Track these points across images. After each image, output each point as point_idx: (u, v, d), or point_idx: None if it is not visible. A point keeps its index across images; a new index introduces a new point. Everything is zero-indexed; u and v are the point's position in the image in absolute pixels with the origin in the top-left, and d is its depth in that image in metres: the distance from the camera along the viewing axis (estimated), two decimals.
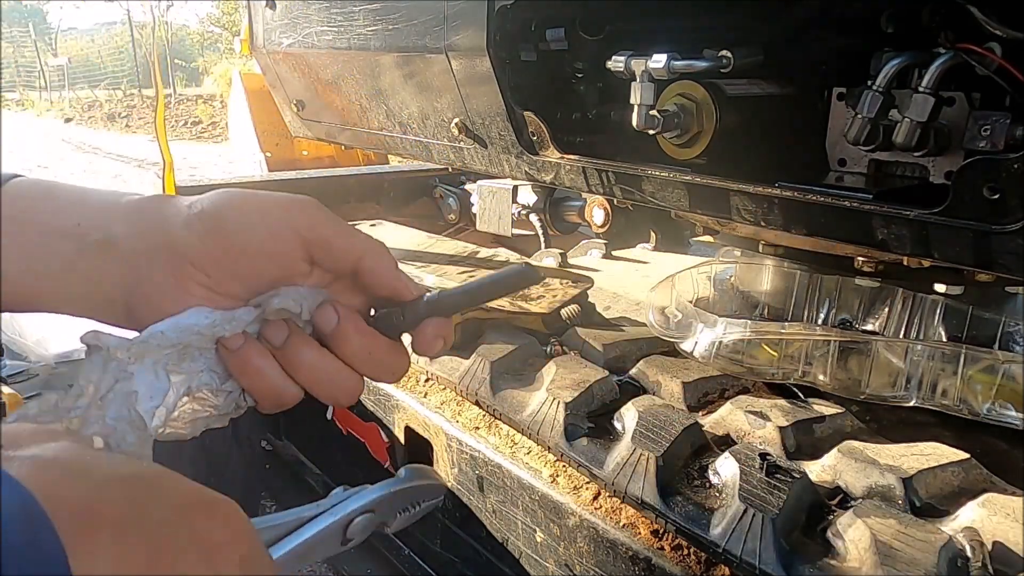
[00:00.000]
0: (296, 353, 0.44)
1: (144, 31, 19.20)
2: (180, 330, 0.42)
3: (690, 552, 0.73)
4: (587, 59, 1.06)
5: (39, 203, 0.44)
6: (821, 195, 0.74)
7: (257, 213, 0.43)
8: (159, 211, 0.43)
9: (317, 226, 0.43)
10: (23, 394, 1.08)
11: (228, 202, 0.43)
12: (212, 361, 0.44)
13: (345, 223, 0.45)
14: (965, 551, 0.62)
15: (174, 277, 0.42)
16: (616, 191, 0.96)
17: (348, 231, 0.45)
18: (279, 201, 0.44)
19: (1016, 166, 0.59)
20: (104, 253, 0.42)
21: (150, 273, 0.42)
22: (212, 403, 0.45)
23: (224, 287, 0.43)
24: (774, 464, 0.70)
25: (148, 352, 0.42)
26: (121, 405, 0.41)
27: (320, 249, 0.44)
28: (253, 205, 0.43)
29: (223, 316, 0.43)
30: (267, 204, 0.43)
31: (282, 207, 0.43)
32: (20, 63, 22.82)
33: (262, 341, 0.44)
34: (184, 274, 0.42)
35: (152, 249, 0.42)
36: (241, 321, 0.43)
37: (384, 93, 1.30)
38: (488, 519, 0.97)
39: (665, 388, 0.93)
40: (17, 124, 14.83)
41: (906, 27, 0.75)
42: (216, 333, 0.43)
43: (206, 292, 0.43)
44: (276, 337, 0.44)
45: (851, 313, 0.97)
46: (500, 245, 1.99)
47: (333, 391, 0.45)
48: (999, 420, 0.79)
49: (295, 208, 0.44)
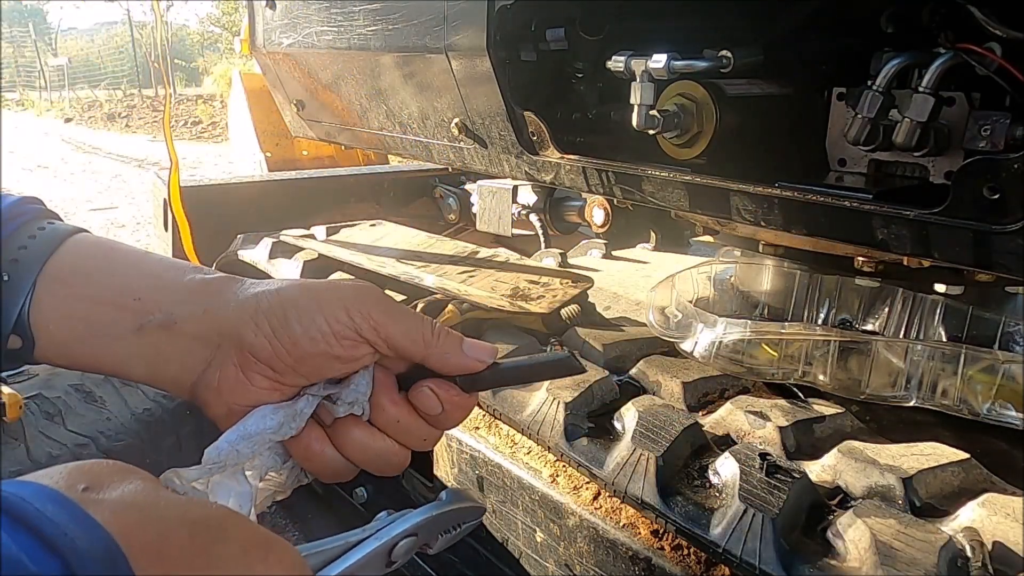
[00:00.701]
0: (347, 433, 0.46)
1: (144, 31, 19.21)
2: (251, 441, 0.43)
3: (690, 552, 0.73)
4: (587, 59, 1.06)
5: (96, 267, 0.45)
6: (821, 195, 0.74)
7: (320, 314, 0.44)
8: (221, 296, 0.45)
9: (378, 325, 0.44)
10: (23, 394, 1.08)
11: (291, 301, 0.44)
12: (276, 446, 0.46)
13: (405, 313, 0.46)
14: (965, 551, 0.62)
15: (240, 369, 0.44)
16: (616, 191, 0.96)
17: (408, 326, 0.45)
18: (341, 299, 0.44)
19: (1016, 166, 0.59)
20: (166, 334, 0.44)
21: (215, 362, 0.44)
22: (278, 481, 0.48)
23: (287, 379, 0.45)
24: (774, 464, 0.70)
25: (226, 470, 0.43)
26: None
27: (382, 345, 0.45)
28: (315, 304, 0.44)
29: (287, 414, 0.44)
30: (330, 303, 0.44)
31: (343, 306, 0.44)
32: (20, 63, 22.82)
33: (317, 419, 0.46)
34: (250, 368, 0.44)
35: (218, 337, 0.44)
36: (304, 415, 0.45)
37: (384, 93, 1.30)
38: (488, 519, 0.98)
39: (665, 388, 0.93)
40: (17, 124, 14.83)
41: (906, 27, 0.75)
42: (284, 434, 0.44)
43: (270, 384, 0.44)
44: (328, 417, 0.46)
45: (851, 313, 0.97)
46: (500, 245, 1.99)
47: (381, 465, 0.48)
48: (999, 420, 0.79)
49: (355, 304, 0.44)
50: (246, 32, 1.66)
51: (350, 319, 0.44)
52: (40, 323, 0.43)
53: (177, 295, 0.44)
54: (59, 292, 0.43)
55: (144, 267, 0.46)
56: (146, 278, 0.45)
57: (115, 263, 0.45)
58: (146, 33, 19.15)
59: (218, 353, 0.44)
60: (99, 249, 0.46)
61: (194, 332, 0.44)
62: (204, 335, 0.44)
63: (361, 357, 0.45)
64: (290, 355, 0.43)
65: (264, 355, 0.43)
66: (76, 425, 1.10)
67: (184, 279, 0.45)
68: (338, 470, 0.47)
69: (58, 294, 0.43)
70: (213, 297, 0.44)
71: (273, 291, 0.44)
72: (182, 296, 0.44)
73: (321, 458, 0.46)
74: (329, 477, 0.47)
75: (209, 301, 0.44)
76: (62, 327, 0.43)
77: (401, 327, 0.45)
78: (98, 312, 0.43)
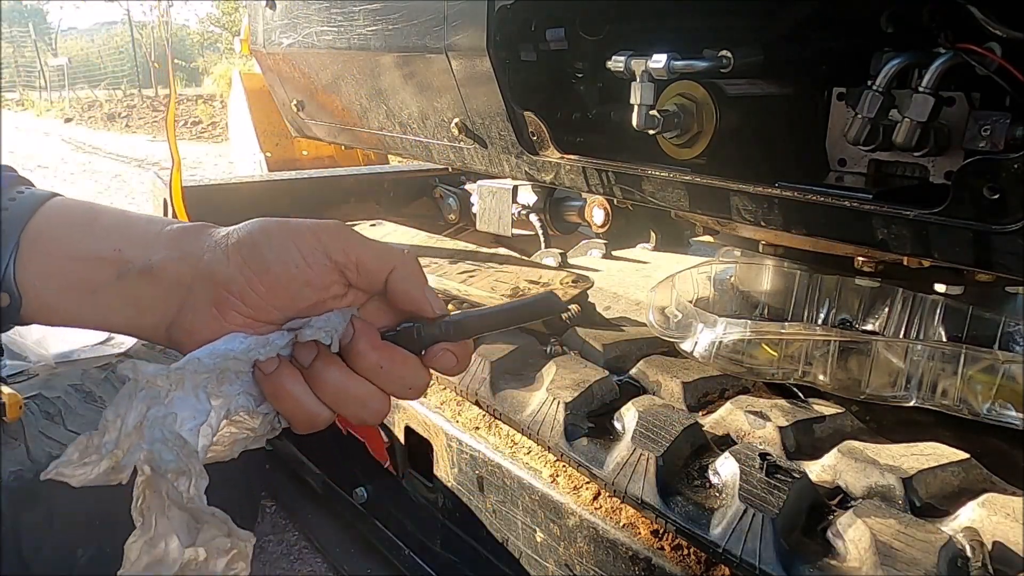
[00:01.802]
0: (323, 373, 0.45)
1: (144, 31, 19.20)
2: (217, 356, 0.44)
3: (690, 552, 0.73)
4: (587, 59, 1.06)
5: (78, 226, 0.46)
6: (821, 195, 0.74)
7: (291, 241, 0.44)
8: (198, 240, 0.45)
9: (348, 248, 0.45)
10: (23, 394, 1.08)
11: (262, 231, 0.45)
12: (248, 384, 0.46)
13: (375, 241, 0.46)
14: (965, 551, 0.62)
15: (214, 306, 0.44)
16: (616, 191, 0.96)
17: (378, 249, 0.46)
18: (310, 227, 0.45)
19: (1016, 166, 0.59)
20: (145, 280, 0.45)
21: (191, 302, 0.44)
22: (250, 426, 0.47)
23: (262, 314, 0.45)
24: (774, 464, 0.70)
25: (186, 378, 0.44)
26: (158, 429, 0.42)
27: (352, 270, 0.45)
28: (286, 233, 0.45)
29: (258, 341, 0.45)
30: (300, 231, 0.45)
31: (313, 232, 0.45)
32: (20, 63, 22.81)
33: (294, 363, 0.46)
34: (223, 303, 0.44)
35: (192, 278, 0.44)
36: (275, 346, 0.45)
37: (384, 93, 1.30)
38: (488, 519, 0.97)
39: (665, 388, 0.93)
40: (17, 124, 14.83)
41: (906, 27, 0.75)
42: (252, 357, 0.44)
43: (244, 319, 0.45)
44: (305, 358, 0.45)
45: (851, 313, 0.97)
46: (500, 245, 1.99)
47: (359, 410, 0.46)
48: (999, 420, 0.79)
49: (325, 232, 0.45)
50: (246, 32, 1.66)
51: (320, 243, 0.45)
52: (25, 281, 0.44)
53: (157, 243, 0.45)
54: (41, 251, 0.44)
55: (123, 222, 0.47)
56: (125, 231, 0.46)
57: (95, 221, 0.46)
58: (146, 33, 19.13)
59: (191, 295, 0.44)
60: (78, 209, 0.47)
61: (172, 276, 0.45)
62: (181, 278, 0.44)
63: (331, 285, 0.45)
64: (262, 283, 0.44)
65: (237, 288, 0.44)
66: (76, 425, 1.10)
67: (163, 229, 0.46)
68: (311, 413, 0.46)
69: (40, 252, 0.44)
70: (190, 242, 0.45)
71: (246, 226, 0.46)
72: (162, 243, 0.45)
73: (294, 398, 0.45)
74: (302, 422, 0.46)
75: (186, 246, 0.45)
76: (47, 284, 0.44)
77: (371, 254, 0.46)
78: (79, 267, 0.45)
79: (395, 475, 1.20)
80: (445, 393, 1.07)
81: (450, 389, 1.06)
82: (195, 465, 0.43)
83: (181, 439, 0.42)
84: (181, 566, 0.43)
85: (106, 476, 0.43)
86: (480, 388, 0.98)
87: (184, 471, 0.42)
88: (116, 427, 0.42)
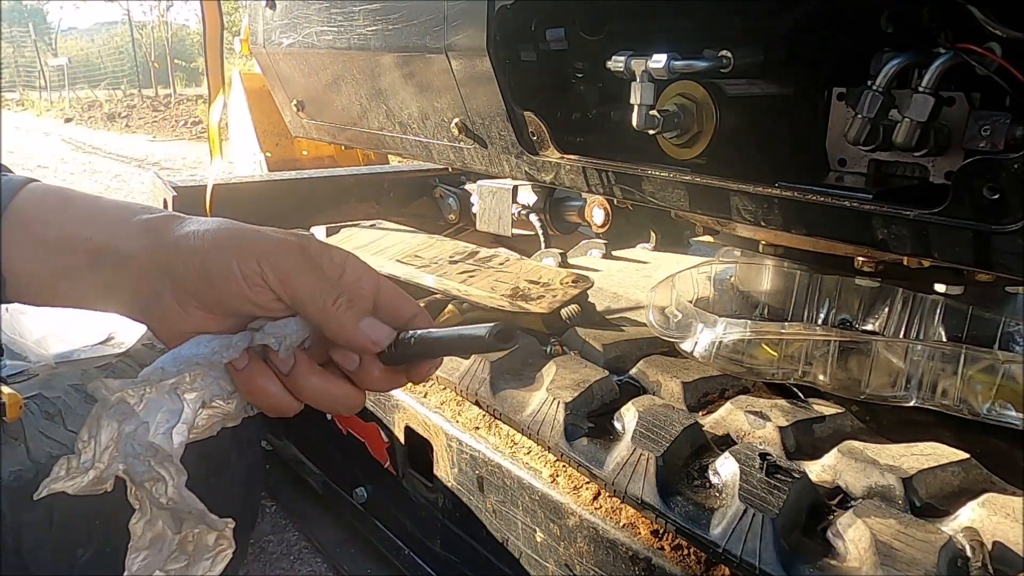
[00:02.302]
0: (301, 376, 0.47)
1: (144, 31, 19.20)
2: (180, 362, 0.46)
3: (690, 552, 0.73)
4: (587, 59, 1.06)
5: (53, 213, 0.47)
6: (821, 195, 0.74)
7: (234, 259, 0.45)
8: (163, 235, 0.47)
9: (286, 279, 0.46)
10: (23, 394, 1.08)
11: (213, 243, 0.46)
12: (220, 375, 0.48)
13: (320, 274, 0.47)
14: (965, 551, 0.62)
15: (177, 302, 0.46)
16: (616, 191, 0.96)
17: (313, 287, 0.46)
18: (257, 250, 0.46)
19: (1016, 166, 0.59)
20: (116, 269, 0.46)
21: (159, 294, 0.46)
22: (225, 410, 0.49)
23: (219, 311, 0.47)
24: (774, 464, 0.70)
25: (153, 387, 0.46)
26: (130, 444, 0.45)
27: (288, 299, 0.46)
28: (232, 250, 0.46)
29: (221, 343, 0.46)
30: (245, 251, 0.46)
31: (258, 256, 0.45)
32: (20, 63, 22.80)
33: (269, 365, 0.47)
34: (183, 299, 0.46)
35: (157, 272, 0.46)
36: (237, 348, 0.47)
37: (384, 93, 1.30)
38: (488, 519, 0.97)
39: (665, 388, 0.93)
40: (17, 124, 14.83)
41: (906, 27, 0.75)
42: (215, 360, 0.46)
43: (203, 315, 0.47)
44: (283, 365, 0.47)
45: (851, 313, 0.97)
46: (500, 245, 1.99)
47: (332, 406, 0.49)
48: (999, 420, 0.79)
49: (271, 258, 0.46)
50: (246, 32, 1.66)
51: (259, 267, 0.45)
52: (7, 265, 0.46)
53: (128, 232, 0.47)
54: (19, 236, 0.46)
55: (96, 210, 0.49)
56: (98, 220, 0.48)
57: (69, 208, 0.48)
58: (146, 33, 19.14)
59: (158, 285, 0.46)
60: (54, 196, 0.49)
61: (140, 268, 0.46)
62: (148, 270, 0.46)
63: (270, 304, 0.47)
64: (209, 293, 0.46)
65: (191, 290, 0.46)
66: (76, 425, 1.10)
67: (133, 219, 0.48)
68: (281, 406, 0.48)
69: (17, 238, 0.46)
70: (157, 234, 0.47)
71: (202, 230, 0.47)
72: (133, 233, 0.47)
73: (265, 393, 0.48)
74: (273, 413, 0.49)
75: (153, 238, 0.47)
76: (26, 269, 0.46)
77: (307, 286, 0.46)
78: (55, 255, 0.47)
79: (395, 475, 1.20)
80: (445, 393, 1.07)
81: (450, 389, 1.06)
82: (170, 468, 0.45)
83: (154, 448, 0.45)
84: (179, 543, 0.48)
85: (92, 486, 0.45)
86: (480, 388, 0.98)
87: (159, 478, 0.45)
88: (91, 447, 0.45)
